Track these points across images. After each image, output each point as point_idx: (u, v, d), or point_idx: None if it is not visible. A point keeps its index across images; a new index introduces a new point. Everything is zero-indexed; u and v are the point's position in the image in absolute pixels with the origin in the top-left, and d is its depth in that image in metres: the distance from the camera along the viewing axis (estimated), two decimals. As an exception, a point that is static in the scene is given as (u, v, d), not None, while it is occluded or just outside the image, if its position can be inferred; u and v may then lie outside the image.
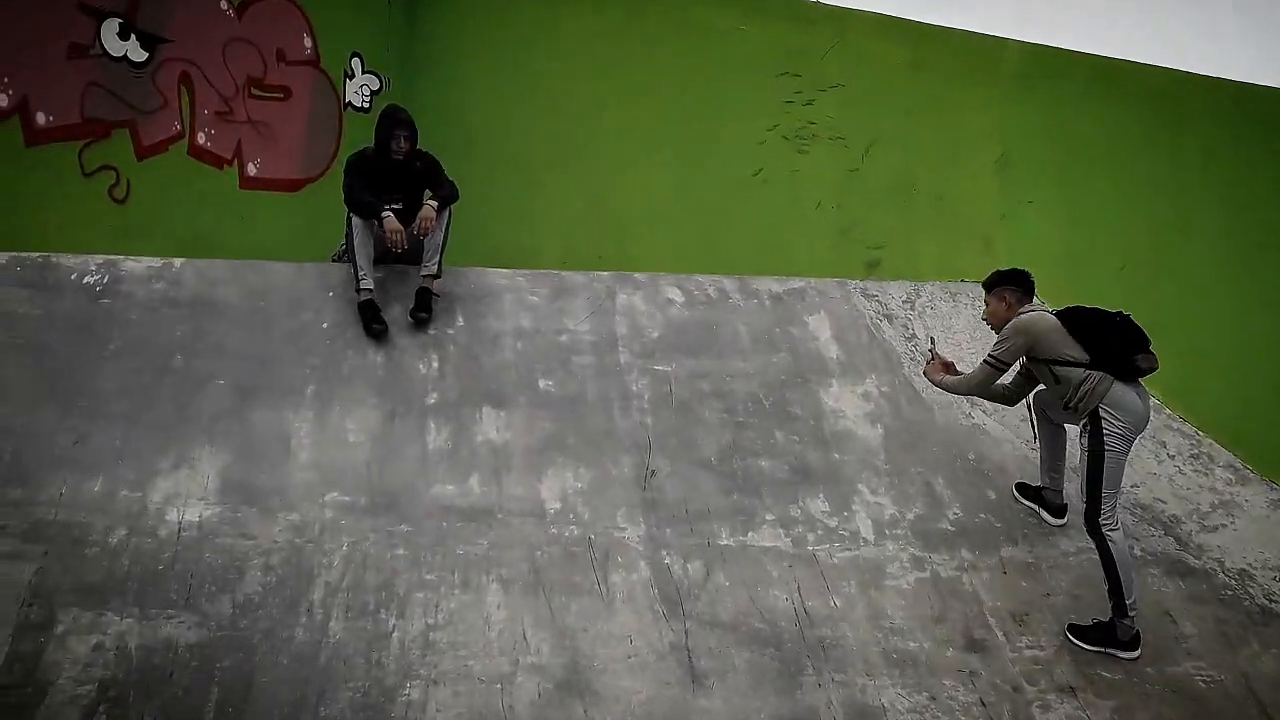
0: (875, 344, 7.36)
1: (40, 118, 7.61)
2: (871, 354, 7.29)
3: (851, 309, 7.61)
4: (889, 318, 7.61)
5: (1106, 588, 5.54)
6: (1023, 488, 6.46)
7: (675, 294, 7.46)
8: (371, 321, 6.65)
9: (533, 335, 6.94)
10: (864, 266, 9.20)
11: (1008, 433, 6.86)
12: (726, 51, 9.86)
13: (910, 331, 7.53)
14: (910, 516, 6.24)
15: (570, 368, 6.79)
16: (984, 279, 6.27)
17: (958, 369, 6.38)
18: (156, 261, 6.80)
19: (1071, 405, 5.71)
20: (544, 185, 10.26)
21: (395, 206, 6.93)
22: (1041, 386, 6.16)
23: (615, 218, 10.07)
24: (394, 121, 6.86)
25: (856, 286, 7.86)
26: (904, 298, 7.84)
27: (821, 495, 6.28)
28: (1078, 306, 5.96)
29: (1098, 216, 8.39)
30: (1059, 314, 5.93)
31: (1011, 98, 8.93)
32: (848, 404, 6.90)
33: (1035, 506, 6.38)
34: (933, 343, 6.70)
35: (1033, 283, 6.18)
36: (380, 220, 6.72)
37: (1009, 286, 6.14)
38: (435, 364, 6.64)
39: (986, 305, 6.22)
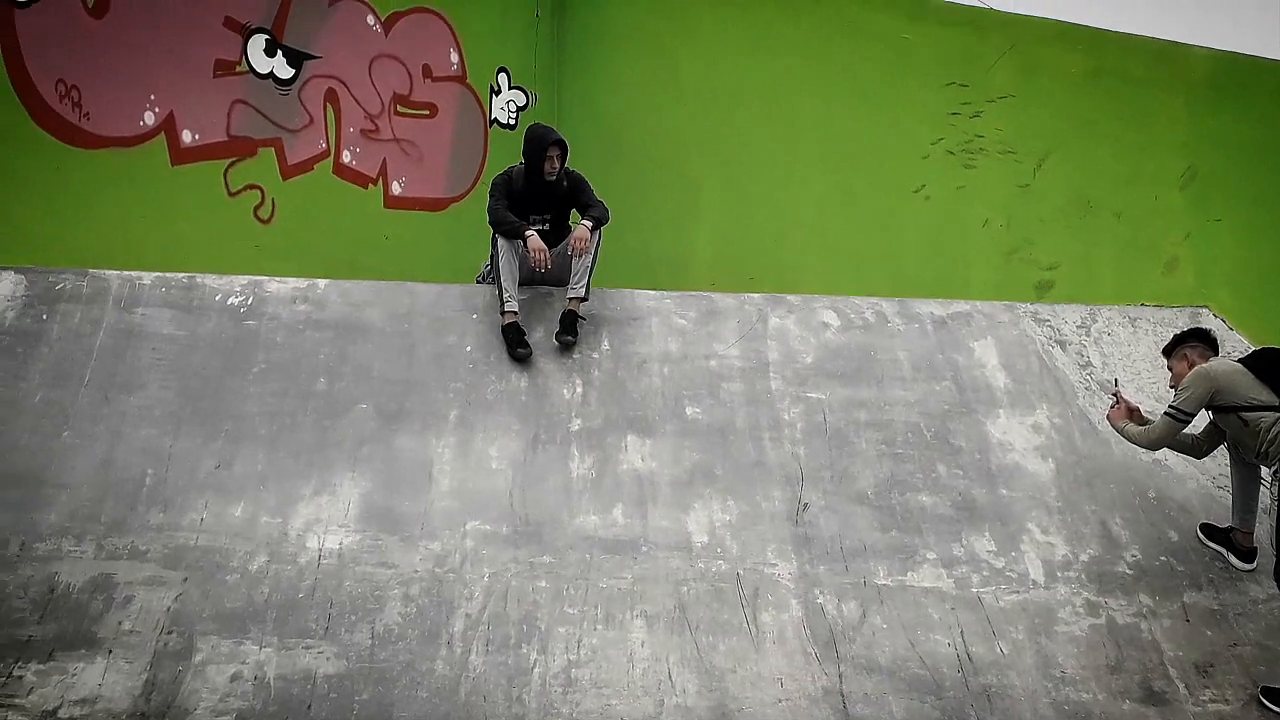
0: (1046, 372, 7.21)
1: (186, 136, 7.93)
2: (1043, 383, 7.14)
3: (1021, 334, 7.47)
4: (1062, 344, 7.45)
5: (1302, 645, 5.33)
6: (1209, 529, 6.25)
7: (830, 317, 7.42)
8: (516, 345, 6.76)
9: (680, 360, 6.97)
10: (1035, 289, 9.04)
11: (1192, 469, 6.65)
12: (890, 59, 9.80)
13: (1085, 359, 7.36)
14: (1084, 558, 6.09)
15: (719, 395, 6.79)
16: (1163, 347, 6.20)
17: (1144, 414, 6.25)
18: (301, 282, 7.02)
19: (1263, 451, 5.54)
20: (694, 201, 10.31)
21: (541, 227, 7.05)
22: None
23: (769, 235, 10.06)
24: (546, 142, 6.97)
25: (1026, 310, 7.70)
26: (1079, 322, 7.66)
27: (987, 534, 6.17)
28: (1267, 348, 5.80)
29: (1295, 236, 8.12)
30: (1244, 359, 5.79)
31: (1199, 108, 8.71)
32: (1016, 436, 6.77)
33: (1222, 549, 6.17)
34: (1117, 385, 6.52)
35: (1215, 339, 6.09)
36: (524, 240, 6.83)
37: (1190, 344, 6.09)
38: (579, 389, 6.71)
39: (1170, 370, 6.19)
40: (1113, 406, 6.31)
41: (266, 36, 8.43)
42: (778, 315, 7.37)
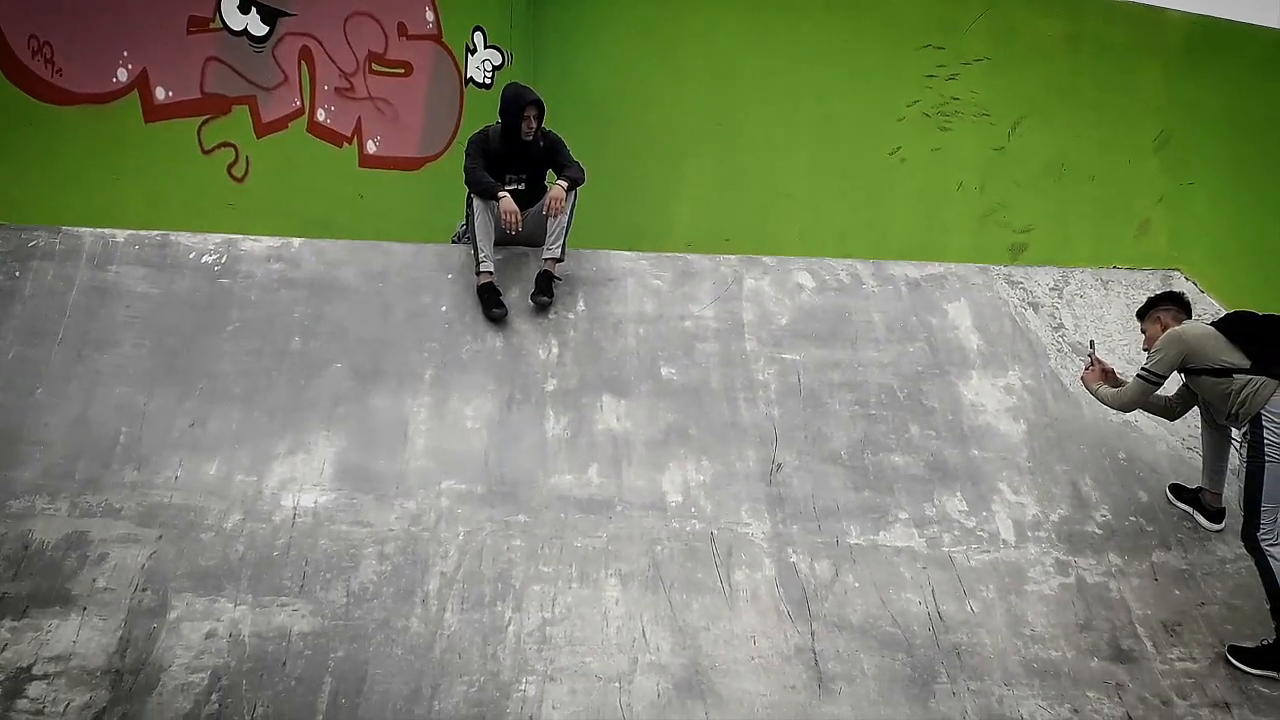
0: (1019, 334, 7.26)
1: (160, 93, 7.87)
2: (1015, 344, 7.19)
3: (994, 296, 7.51)
4: (1034, 306, 7.50)
5: (1269, 607, 5.40)
6: (1178, 490, 6.32)
7: (806, 279, 7.45)
8: (491, 305, 6.77)
9: (656, 321, 6.99)
10: (1008, 251, 9.08)
11: (1162, 430, 6.72)
12: (867, 22, 9.80)
13: (1057, 321, 7.41)
14: (1054, 518, 6.16)
15: (694, 355, 6.82)
16: (1137, 310, 6.26)
17: (1118, 377, 6.30)
18: (275, 241, 7.00)
19: (1233, 413, 5.60)
20: (670, 163, 10.30)
21: (517, 187, 7.04)
22: None
23: (745, 197, 10.07)
24: (524, 102, 6.94)
25: (1000, 272, 7.75)
26: (1051, 285, 7.71)
27: (959, 494, 6.23)
28: (1239, 311, 5.84)
29: (1269, 201, 8.16)
30: (1216, 322, 5.84)
31: (1175, 73, 8.74)
32: (988, 397, 6.82)
33: (1191, 510, 6.24)
34: (1093, 347, 6.55)
35: (1188, 302, 6.13)
36: (497, 199, 6.83)
37: (1163, 307, 6.13)
38: (555, 350, 6.73)
39: (1144, 334, 6.22)
40: (1087, 368, 6.36)
41: (241, -7, 8.38)
42: (753, 276, 7.39)
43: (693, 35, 10.26)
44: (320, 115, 8.99)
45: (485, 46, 10.56)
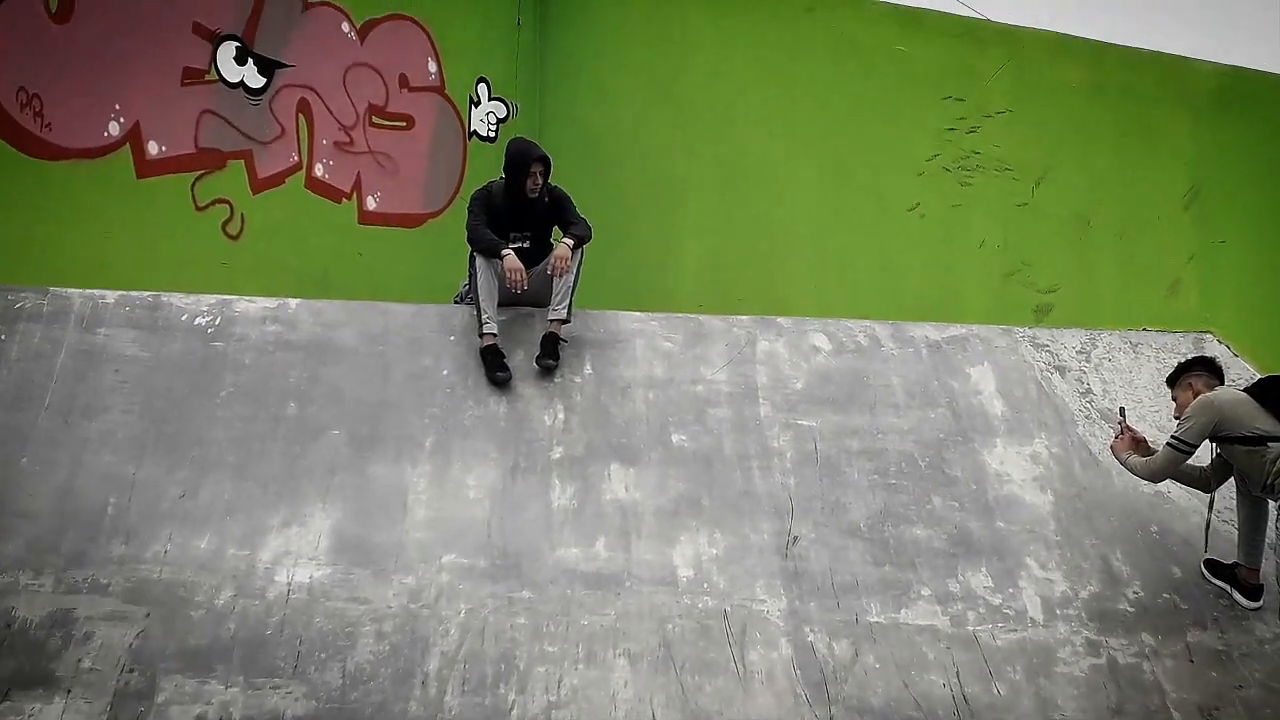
0: (1045, 399, 7.23)
1: (152, 148, 7.93)
2: (1041, 411, 7.15)
3: (1019, 360, 7.49)
4: (1061, 370, 7.47)
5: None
6: (1213, 565, 6.26)
7: (822, 341, 7.43)
8: (495, 368, 6.75)
9: (666, 385, 6.97)
10: (1033, 312, 9.07)
11: (1196, 502, 6.67)
12: (885, 72, 9.85)
13: (1085, 386, 7.38)
14: (1084, 595, 6.10)
15: (706, 421, 6.79)
16: (1167, 376, 6.26)
17: (1149, 445, 6.26)
18: (271, 302, 7.00)
19: (1269, 484, 5.56)
20: (681, 219, 10.32)
21: (521, 245, 7.05)
22: None
23: (758, 255, 10.09)
24: (529, 158, 6.96)
25: (1025, 334, 7.73)
26: (1078, 348, 7.69)
27: (984, 569, 6.18)
28: (1272, 376, 5.83)
29: (1304, 260, 8.16)
30: (1250, 387, 5.82)
31: (1204, 124, 8.76)
32: (1014, 466, 6.78)
33: (1227, 587, 6.18)
34: (1122, 414, 6.52)
35: (1220, 367, 6.12)
36: (501, 257, 6.83)
37: (1195, 373, 6.12)
38: (561, 415, 6.71)
39: (1175, 401, 6.20)
40: (1117, 436, 6.33)
41: (237, 44, 8.44)
42: (767, 338, 7.37)
43: (707, 85, 10.30)
44: (318, 170, 9.03)
45: (489, 98, 10.62)
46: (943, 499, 6.53)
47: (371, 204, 9.48)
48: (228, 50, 8.39)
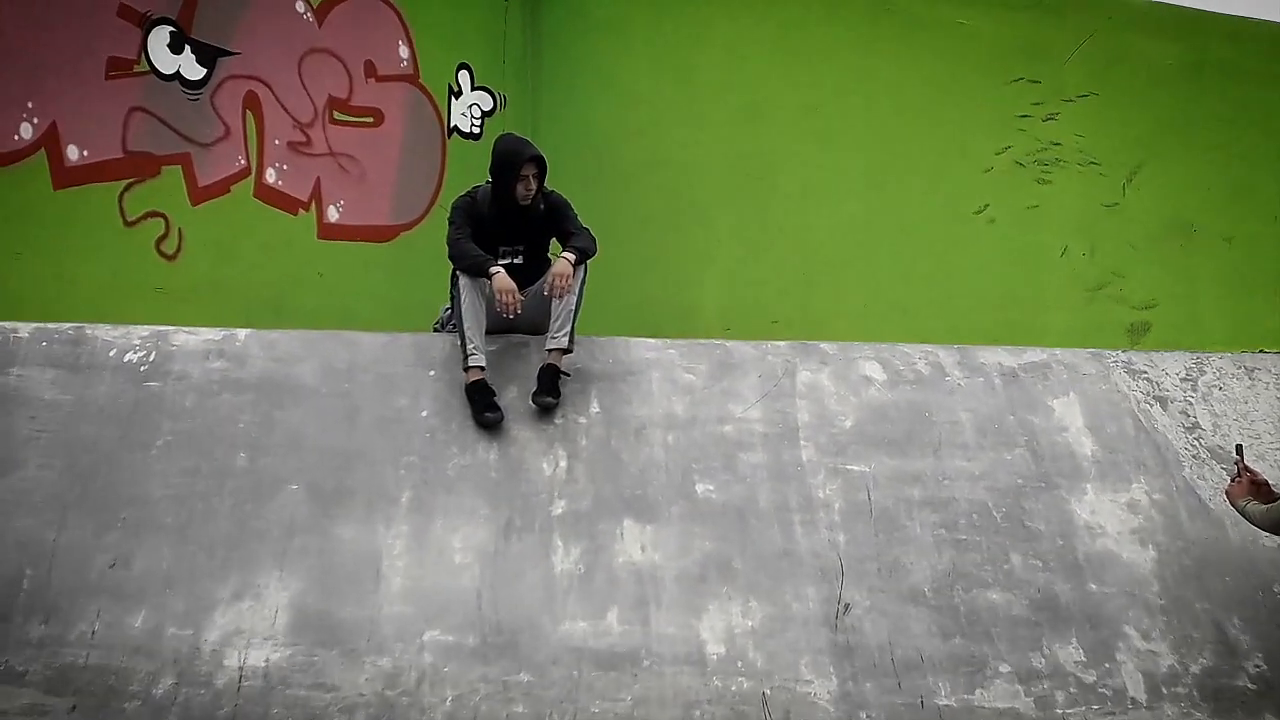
0: (1144, 437, 7.22)
1: (72, 153, 7.96)
2: (1139, 450, 7.14)
3: (1111, 389, 7.48)
4: (1162, 401, 7.46)
5: None
6: (1351, 632, 6.24)
7: (874, 370, 7.43)
8: (483, 408, 6.75)
9: (688, 425, 6.97)
10: (1127, 333, 9.06)
11: (1328, 557, 6.66)
12: (944, 52, 9.86)
13: (1192, 419, 7.37)
14: (1195, 669, 6.07)
15: (736, 468, 6.79)
16: None
17: (1272, 489, 6.23)
18: (216, 333, 7.02)
19: None
20: (704, 228, 10.34)
21: (513, 261, 7.06)
22: None
23: (796, 269, 10.10)
24: (521, 158, 6.98)
25: (1117, 359, 7.72)
26: (1183, 374, 7.68)
27: (1074, 640, 6.15)
28: None
29: None
30: None
31: (1325, 107, 8.74)
32: (1107, 517, 6.76)
33: (1368, 658, 6.16)
34: (1239, 452, 6.49)
35: None
36: (489, 277, 6.84)
37: None
38: (563, 463, 6.71)
39: None
40: (1233, 480, 6.29)
41: (171, 29, 8.49)
42: (809, 368, 7.38)
43: (733, 71, 10.33)
44: (270, 176, 9.07)
45: (472, 88, 10.68)
46: (1023, 557, 6.51)
47: (333, 215, 9.52)
48: (160, 36, 8.45)
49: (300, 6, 9.31)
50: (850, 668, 5.92)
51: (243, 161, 8.90)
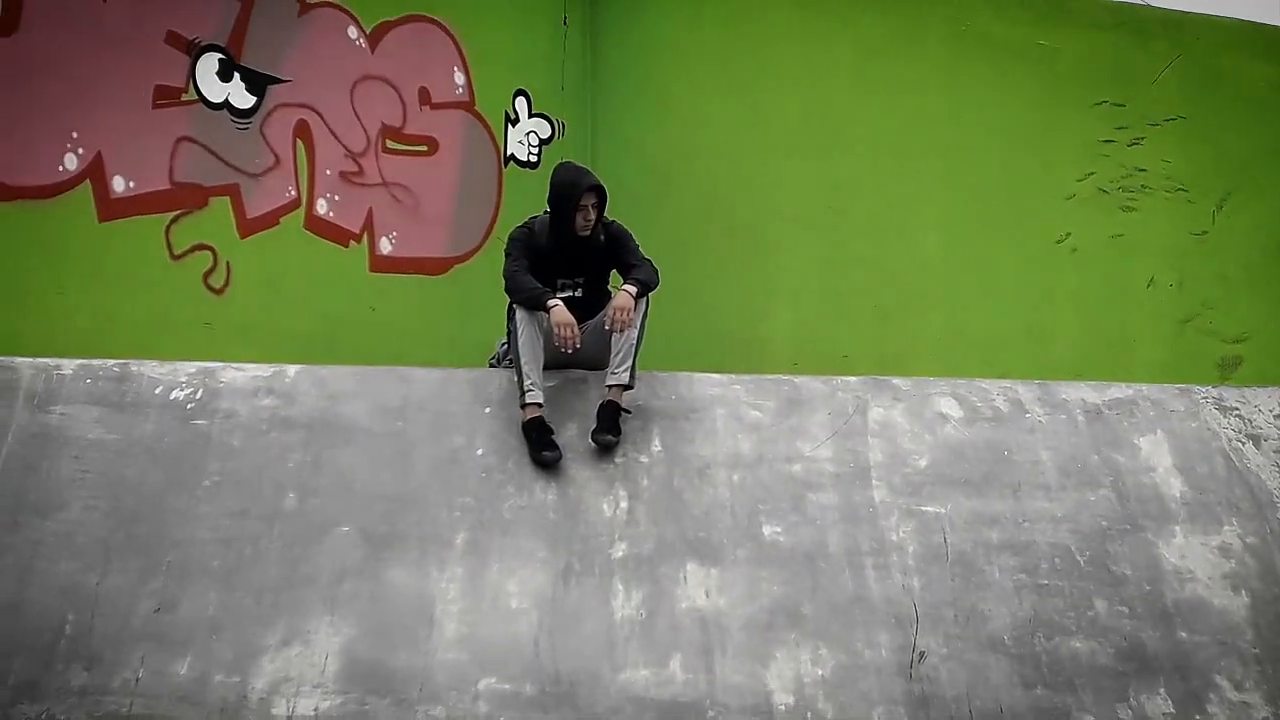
0: (1236, 477, 7.16)
1: (118, 184, 8.03)
2: (1231, 490, 7.08)
3: (1201, 427, 7.43)
4: (1255, 439, 7.41)
5: None
6: None
7: (951, 406, 7.41)
8: (541, 446, 6.78)
9: (755, 464, 6.97)
10: (1217, 367, 9.00)
11: None
12: (1025, 74, 9.86)
13: (1287, 458, 7.32)
14: (1293, 722, 6.03)
15: (805, 509, 6.78)
16: None
17: None
18: (265, 369, 7.08)
19: None
20: (771, 259, 10.32)
21: (572, 294, 7.09)
22: None
23: (869, 301, 10.08)
24: (580, 188, 6.99)
25: (1208, 395, 7.67)
26: (1276, 410, 7.62)
27: (1163, 691, 6.11)
28: None
29: None
30: None
31: None
32: (1198, 561, 6.71)
33: None
34: None
35: None
36: (547, 311, 6.87)
37: None
38: (624, 504, 6.72)
39: None
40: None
41: (221, 56, 8.57)
42: (881, 404, 7.36)
43: (790, 92, 10.34)
44: (321, 207, 9.13)
45: (530, 115, 10.71)
46: (1108, 603, 6.47)
47: (386, 247, 9.56)
48: (209, 63, 8.52)
49: (353, 32, 9.38)
50: (926, 719, 5.90)
51: (293, 192, 8.96)
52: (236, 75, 8.65)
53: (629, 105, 10.87)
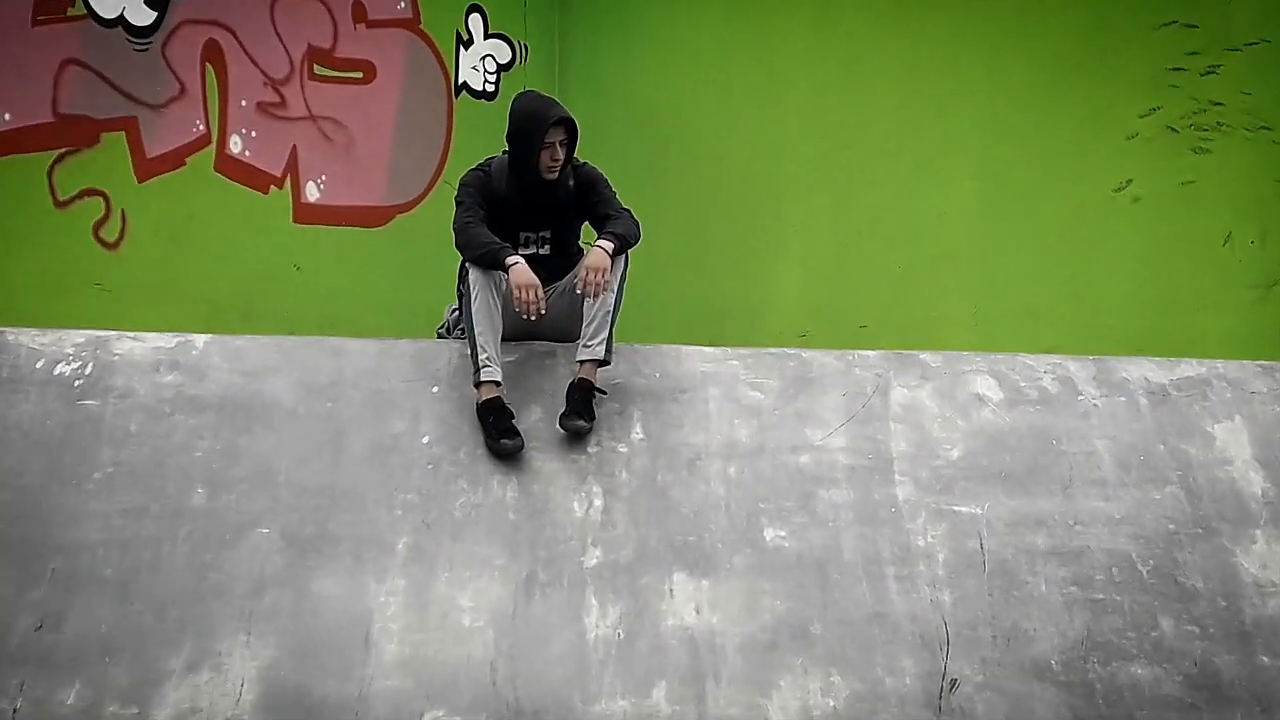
0: (1328, 470, 7.19)
1: (-9, 117, 8.01)
2: (1322, 487, 7.12)
3: (1287, 412, 7.46)
4: (1351, 426, 7.43)
5: None
6: None
7: (989, 387, 7.42)
8: (499, 433, 6.76)
9: (754, 455, 6.97)
10: (1308, 340, 9.02)
11: None
12: (1072, -6, 9.88)
13: (1388, 449, 7.34)
14: (1394, 764, 6.05)
15: (815, 508, 6.79)
16: None
17: None
18: (168, 339, 7.07)
19: None
20: (776, 212, 10.33)
21: (536, 250, 7.08)
22: None
23: (892, 262, 10.09)
24: (546, 121, 6.95)
25: (1295, 374, 7.70)
26: (1378, 393, 7.65)
27: (1240, 725, 6.14)
28: None
29: None
30: None
31: None
32: (1283, 572, 6.74)
33: None
34: None
35: None
36: (506, 270, 6.83)
37: None
38: (598, 501, 6.72)
39: None
40: None
41: (115, -37, 8.55)
42: (906, 384, 7.37)
43: (799, 12, 10.33)
44: (234, 145, 9.11)
45: (485, 36, 10.69)
46: (1175, 621, 6.49)
47: (313, 194, 9.55)
48: (101, -28, 8.51)
49: (273, -65, 9.38)
50: (958, 759, 5.93)
51: (201, 127, 8.93)
52: (134, -15, 8.62)
53: (604, 26, 10.86)
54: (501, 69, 10.77)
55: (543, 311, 6.80)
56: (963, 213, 9.93)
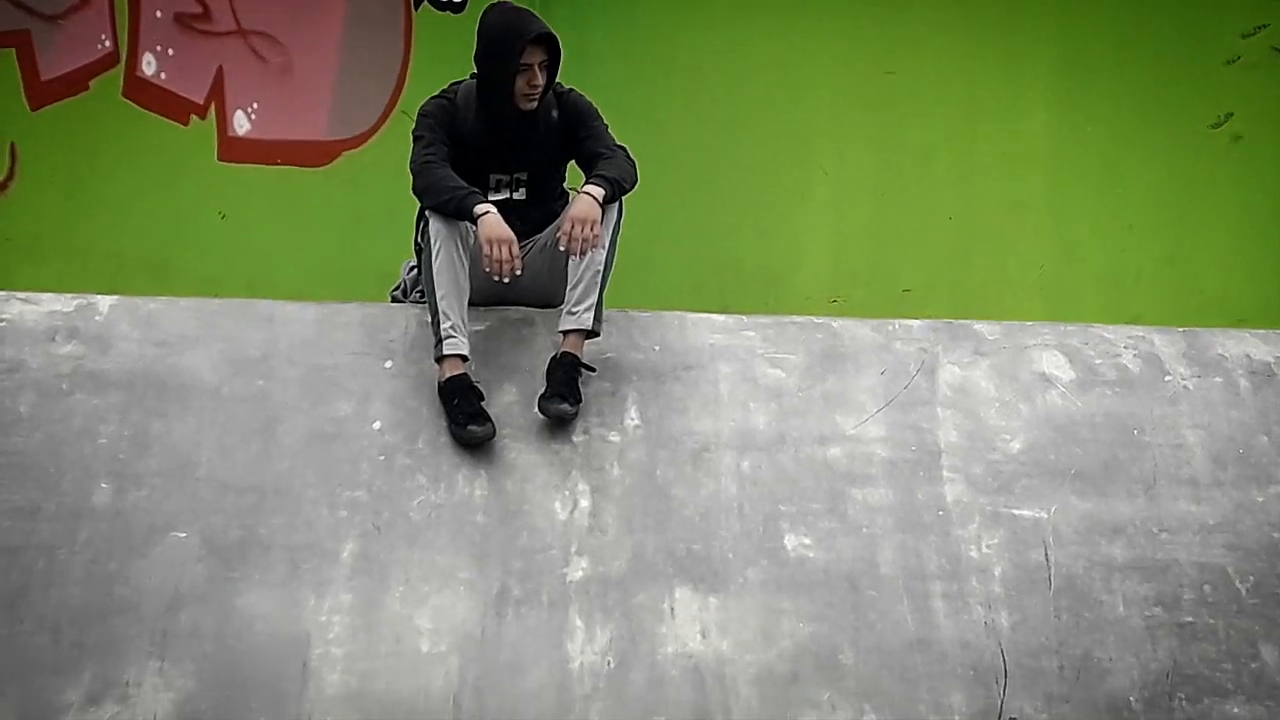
0: None
1: None
2: None
3: None
4: None
5: None
6: None
7: (1057, 364, 7.41)
8: (466, 419, 6.75)
9: (774, 445, 6.97)
10: None
11: None
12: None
13: None
14: None
15: (846, 511, 6.79)
16: None
17: None
18: (66, 302, 7.06)
19: None
20: (800, 151, 10.32)
21: (510, 195, 7.06)
22: None
23: (941, 216, 10.09)
24: (522, 38, 6.91)
25: None
26: None
27: (1357, 776, 6.15)
28: None
29: None
30: None
31: None
32: None
33: None
34: None
35: None
36: (474, 221, 6.81)
37: None
38: (585, 502, 6.71)
39: None
40: None
41: None
42: (958, 360, 7.37)
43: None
44: (148, 66, 9.10)
45: (451, -64, 10.69)
46: (1279, 650, 6.49)
47: (243, 125, 9.55)
48: None
49: None
50: (1017, 815, 5.94)
51: (107, 43, 8.92)
52: None
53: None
54: (470, -24, 10.76)
55: (518, 271, 6.77)
56: (1029, 154, 9.93)
